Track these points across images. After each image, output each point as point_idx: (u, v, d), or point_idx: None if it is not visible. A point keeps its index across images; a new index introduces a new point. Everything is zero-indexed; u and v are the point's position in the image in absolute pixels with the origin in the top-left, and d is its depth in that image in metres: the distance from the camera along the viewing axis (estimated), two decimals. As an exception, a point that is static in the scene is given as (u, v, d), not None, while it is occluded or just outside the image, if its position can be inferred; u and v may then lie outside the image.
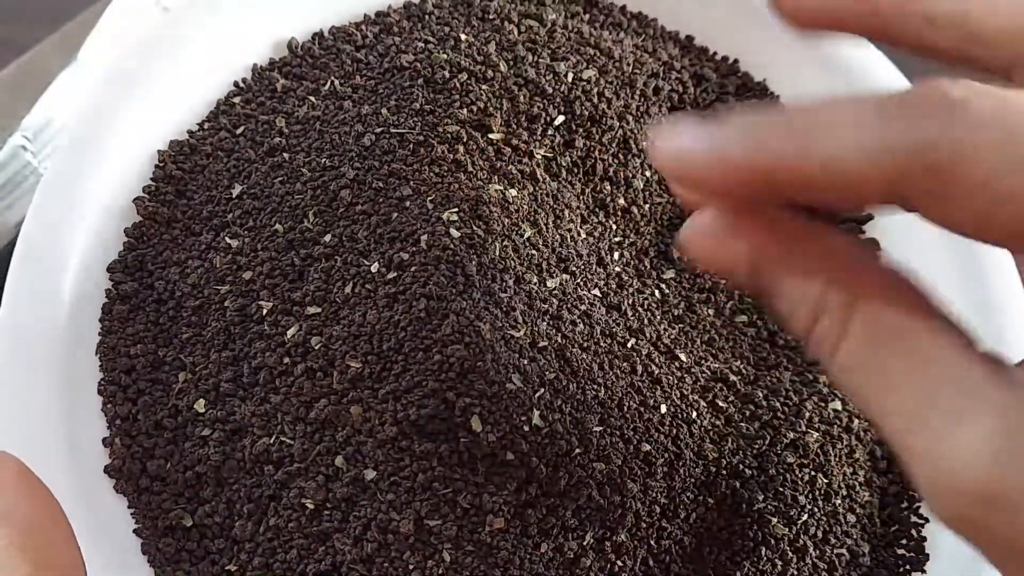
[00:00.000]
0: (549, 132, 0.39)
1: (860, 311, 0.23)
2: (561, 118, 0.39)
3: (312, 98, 0.40)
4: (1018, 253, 0.38)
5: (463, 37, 0.41)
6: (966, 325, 0.23)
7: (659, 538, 0.35)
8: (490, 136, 0.38)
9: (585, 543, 0.34)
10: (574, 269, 0.38)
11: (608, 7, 0.45)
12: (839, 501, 0.37)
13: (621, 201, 0.40)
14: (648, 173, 0.41)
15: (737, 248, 0.25)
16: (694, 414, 0.37)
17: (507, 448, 0.33)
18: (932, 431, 0.21)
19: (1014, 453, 0.20)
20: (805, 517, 0.36)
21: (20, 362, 0.35)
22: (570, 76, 0.40)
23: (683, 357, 0.39)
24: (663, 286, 0.40)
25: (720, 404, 0.38)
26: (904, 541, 0.38)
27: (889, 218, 0.42)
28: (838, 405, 0.38)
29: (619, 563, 0.35)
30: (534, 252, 0.37)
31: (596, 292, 0.38)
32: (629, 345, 0.38)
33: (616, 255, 0.40)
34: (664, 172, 0.25)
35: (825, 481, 0.37)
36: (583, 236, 0.39)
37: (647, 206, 0.41)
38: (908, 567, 0.37)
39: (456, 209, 0.35)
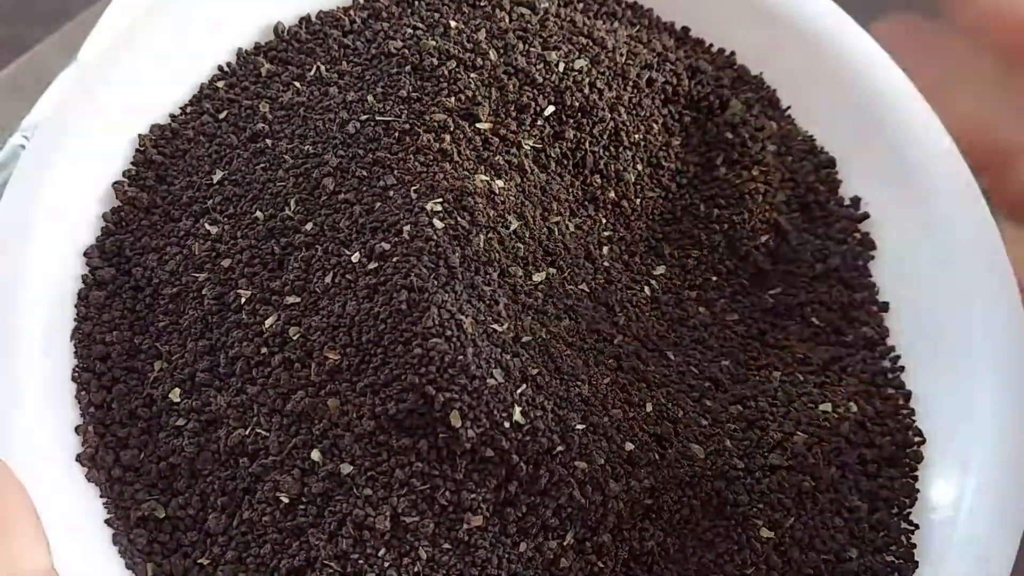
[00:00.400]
0: (539, 123, 0.38)
1: None
2: (551, 108, 0.38)
3: (297, 84, 0.39)
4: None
5: (453, 24, 0.40)
6: None
7: (641, 539, 0.34)
8: (478, 125, 0.37)
9: (565, 543, 0.34)
10: (561, 263, 0.37)
11: None
12: (826, 505, 0.36)
13: (611, 194, 0.40)
14: (640, 167, 0.40)
15: None
16: (680, 413, 0.36)
17: (487, 445, 0.33)
18: None
19: None
20: (791, 520, 0.35)
21: None
22: (561, 66, 0.39)
23: (671, 355, 0.38)
24: (653, 282, 0.40)
25: (707, 403, 0.37)
26: (893, 547, 0.37)
27: (883, 216, 0.42)
28: (828, 407, 0.38)
29: (600, 564, 0.34)
30: (520, 245, 0.36)
31: (584, 287, 0.38)
32: (615, 342, 0.37)
33: (605, 249, 0.39)
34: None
35: (812, 484, 0.36)
36: (572, 229, 0.38)
37: (638, 200, 0.40)
38: (897, 574, 0.36)
39: (440, 199, 0.35)
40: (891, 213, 0.41)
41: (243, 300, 0.35)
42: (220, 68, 0.41)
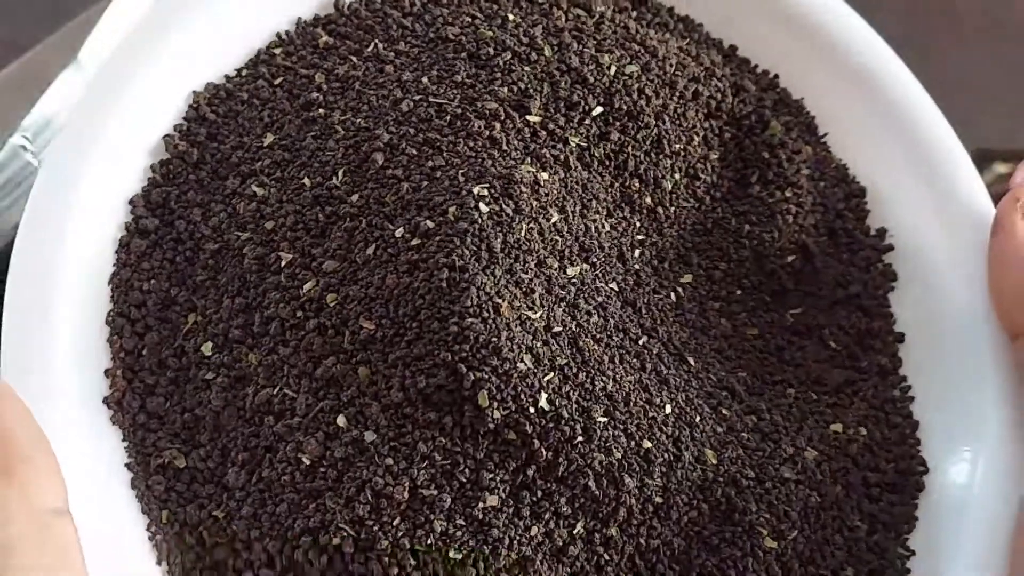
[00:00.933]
0: (586, 122, 0.39)
1: None
2: (599, 109, 0.39)
3: (354, 58, 0.40)
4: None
5: (511, 17, 0.41)
6: None
7: (649, 536, 0.35)
8: (528, 118, 0.38)
9: (575, 532, 0.34)
10: (595, 260, 0.38)
11: (656, 7, 0.45)
12: (829, 521, 0.37)
13: (648, 200, 0.40)
14: (677, 176, 0.41)
15: None
16: (698, 418, 0.37)
17: (511, 428, 0.33)
18: None
19: None
20: (795, 534, 0.36)
21: (33, 284, 0.34)
22: (613, 69, 0.40)
23: (692, 361, 0.39)
24: (679, 289, 0.40)
25: (724, 412, 0.38)
26: (889, 571, 0.38)
27: (907, 250, 0.43)
28: (839, 427, 0.39)
29: (606, 556, 0.35)
30: (558, 238, 0.37)
31: (613, 286, 0.38)
32: (641, 343, 0.38)
33: (637, 252, 0.40)
34: None
35: (818, 500, 0.37)
36: (607, 229, 0.39)
37: (672, 208, 0.41)
38: (889, 596, 0.37)
39: (487, 185, 0.35)
40: (915, 247, 0.42)
41: (283, 263, 0.36)
42: (278, 35, 0.41)
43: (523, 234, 0.35)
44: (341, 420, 0.34)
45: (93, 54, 0.45)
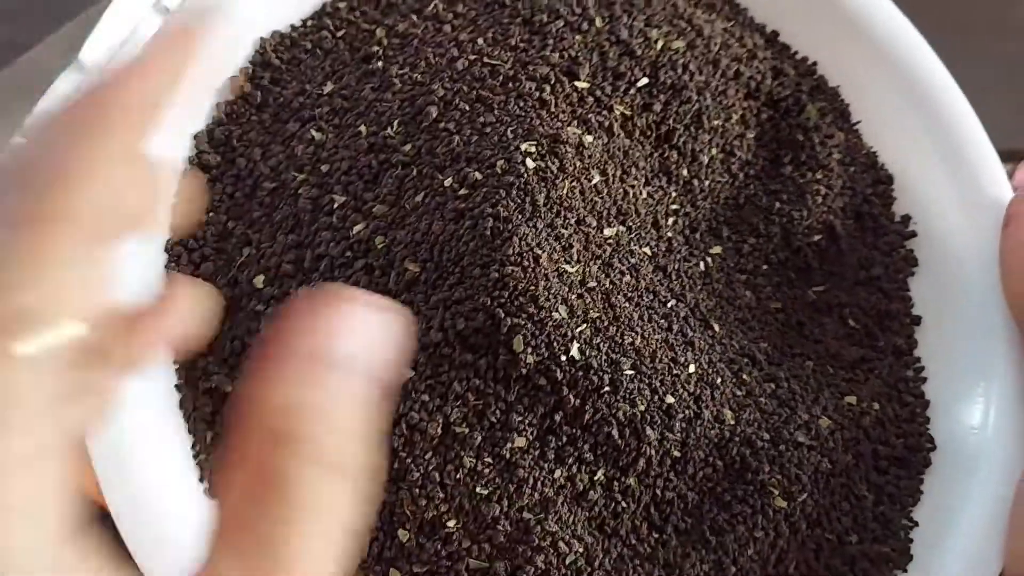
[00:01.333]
0: (631, 92, 0.41)
1: None
2: (645, 80, 0.41)
3: (414, 16, 0.42)
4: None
5: None
6: None
7: (665, 488, 0.37)
8: (576, 83, 0.40)
9: (596, 478, 0.36)
10: (631, 224, 0.40)
11: None
12: (837, 488, 0.39)
13: (685, 172, 0.42)
14: (714, 151, 0.43)
15: None
16: (719, 380, 0.38)
17: (542, 373, 0.35)
18: None
19: None
20: (804, 496, 0.38)
21: None
22: (660, 43, 0.41)
23: (716, 328, 0.40)
24: (708, 259, 0.42)
25: (744, 377, 0.39)
26: (891, 540, 0.39)
27: (930, 238, 0.44)
28: (853, 399, 0.40)
29: (623, 503, 0.36)
30: (597, 199, 0.39)
31: (647, 250, 0.40)
32: (669, 305, 0.39)
33: (671, 221, 0.42)
34: None
35: (829, 466, 0.38)
36: (644, 196, 0.41)
37: (707, 182, 0.43)
38: (891, 564, 0.39)
39: (535, 143, 0.37)
40: (937, 236, 0.44)
41: (336, 205, 0.37)
42: None
43: (565, 191, 0.37)
44: None
45: (93, 54, 0.45)
